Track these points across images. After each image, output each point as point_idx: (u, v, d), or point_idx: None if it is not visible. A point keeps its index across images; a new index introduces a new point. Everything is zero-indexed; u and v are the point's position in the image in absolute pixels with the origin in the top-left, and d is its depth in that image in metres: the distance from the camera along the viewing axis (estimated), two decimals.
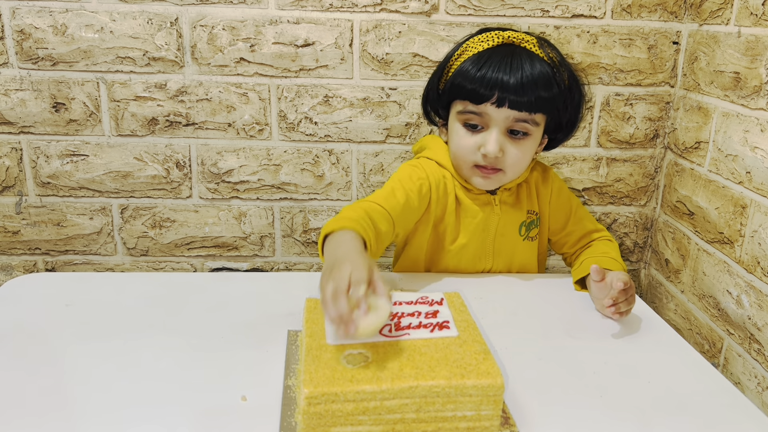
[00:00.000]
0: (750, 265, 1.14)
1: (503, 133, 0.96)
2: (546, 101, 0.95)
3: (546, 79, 0.94)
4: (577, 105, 1.02)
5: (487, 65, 0.94)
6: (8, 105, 1.34)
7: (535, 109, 0.95)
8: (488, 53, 0.96)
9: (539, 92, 0.93)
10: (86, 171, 1.39)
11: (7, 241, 1.43)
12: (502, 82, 0.92)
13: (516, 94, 0.93)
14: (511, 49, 0.96)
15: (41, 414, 0.66)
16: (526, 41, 0.98)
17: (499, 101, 0.93)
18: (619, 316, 0.88)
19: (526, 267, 1.09)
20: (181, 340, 0.81)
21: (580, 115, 1.04)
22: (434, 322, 0.74)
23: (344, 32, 1.33)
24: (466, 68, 0.96)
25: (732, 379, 1.19)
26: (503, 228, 1.05)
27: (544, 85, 0.94)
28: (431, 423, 0.64)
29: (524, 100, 0.93)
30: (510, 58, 0.94)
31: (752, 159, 1.14)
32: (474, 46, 0.98)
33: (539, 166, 1.10)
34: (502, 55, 0.95)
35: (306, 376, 0.63)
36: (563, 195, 1.11)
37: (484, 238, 1.05)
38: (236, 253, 1.48)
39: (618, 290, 0.86)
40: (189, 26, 1.31)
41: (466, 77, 0.95)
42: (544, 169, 1.11)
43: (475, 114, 0.96)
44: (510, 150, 0.97)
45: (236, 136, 1.39)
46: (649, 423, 0.68)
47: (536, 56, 0.96)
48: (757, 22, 1.13)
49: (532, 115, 0.95)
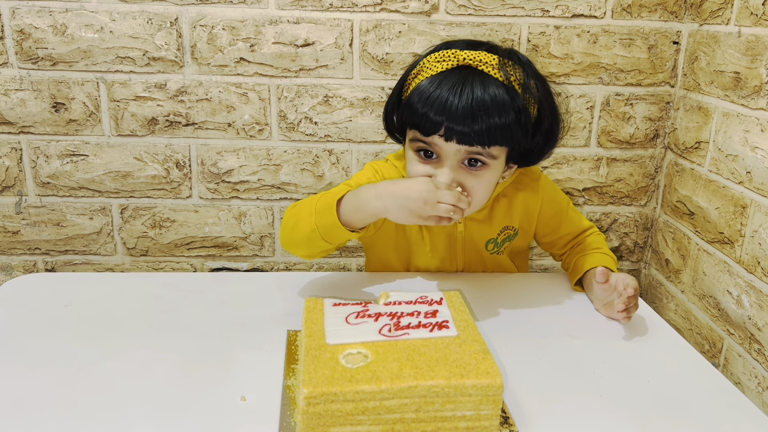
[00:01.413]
0: (750, 265, 1.14)
1: (457, 166, 0.87)
2: (500, 129, 0.84)
3: (499, 104, 0.83)
4: (548, 131, 0.91)
5: (436, 93, 0.85)
6: (8, 105, 1.34)
7: (487, 142, 0.84)
8: (440, 78, 0.86)
9: (491, 120, 0.83)
10: (86, 171, 1.39)
11: (7, 241, 1.43)
12: (449, 112, 0.83)
13: (464, 124, 0.83)
14: (464, 73, 0.86)
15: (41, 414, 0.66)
16: (484, 63, 0.87)
17: (446, 134, 0.84)
18: (628, 320, 0.88)
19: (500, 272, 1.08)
20: (181, 340, 0.81)
21: (553, 141, 0.93)
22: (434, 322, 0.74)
23: (344, 32, 1.33)
24: (417, 94, 0.87)
25: (732, 379, 1.19)
26: (469, 243, 1.02)
27: (497, 112, 0.83)
28: (430, 423, 0.64)
29: (474, 130, 0.83)
30: (461, 85, 0.84)
31: (752, 159, 1.14)
32: (429, 66, 0.89)
33: (526, 177, 1.02)
34: (453, 81, 0.85)
35: (305, 376, 0.63)
36: (554, 202, 1.05)
37: (450, 249, 1.03)
38: (236, 253, 1.48)
39: (629, 295, 0.86)
40: (189, 26, 1.31)
41: (415, 105, 0.87)
42: (533, 179, 1.03)
43: (426, 143, 0.87)
44: (467, 182, 0.87)
45: (236, 136, 1.39)
46: (649, 423, 0.68)
47: (492, 80, 0.85)
48: (757, 22, 1.13)
49: (487, 149, 0.85)
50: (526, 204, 1.03)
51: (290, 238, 0.91)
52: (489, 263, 1.06)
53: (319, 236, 0.86)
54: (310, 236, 0.87)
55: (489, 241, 1.03)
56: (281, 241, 0.95)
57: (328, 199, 0.86)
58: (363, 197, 0.84)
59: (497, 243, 1.03)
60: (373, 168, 1.01)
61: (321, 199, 0.87)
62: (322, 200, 0.87)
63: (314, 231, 0.86)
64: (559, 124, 0.93)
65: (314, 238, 0.87)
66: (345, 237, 0.87)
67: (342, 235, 0.86)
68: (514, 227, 1.04)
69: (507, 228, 1.03)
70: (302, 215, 0.88)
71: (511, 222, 1.03)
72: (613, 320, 0.91)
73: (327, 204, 0.85)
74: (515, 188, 1.02)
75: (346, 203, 0.85)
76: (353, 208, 0.85)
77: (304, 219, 0.87)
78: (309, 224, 0.86)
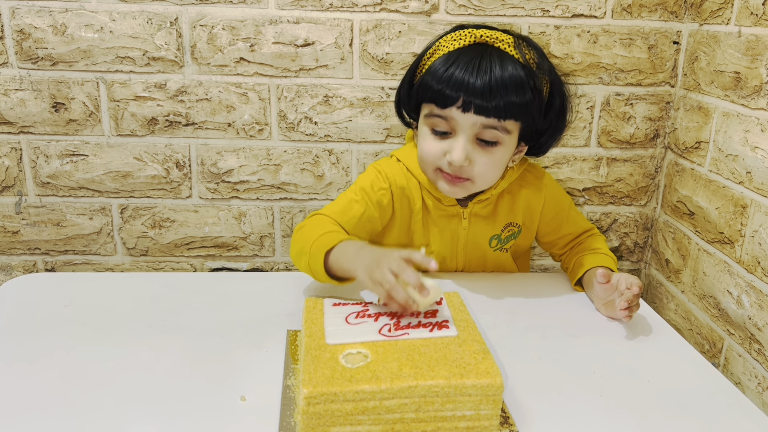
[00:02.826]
0: (750, 265, 1.14)
1: (471, 140, 0.89)
2: (517, 107, 0.87)
3: (517, 82, 0.86)
4: (559, 111, 0.94)
5: (453, 67, 0.87)
6: (8, 105, 1.34)
7: (504, 116, 0.87)
8: (457, 53, 0.89)
9: (509, 97, 0.86)
10: (86, 171, 1.39)
11: (7, 241, 1.43)
12: (467, 85, 0.85)
13: (482, 98, 0.85)
14: (482, 49, 0.89)
15: (41, 414, 0.66)
16: (501, 41, 0.90)
17: (464, 106, 0.86)
18: (629, 319, 0.88)
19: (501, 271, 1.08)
20: (181, 340, 0.81)
21: (563, 122, 0.96)
22: (433, 322, 0.74)
23: (344, 32, 1.33)
24: (434, 69, 0.89)
25: (732, 379, 1.19)
26: (473, 240, 1.03)
27: (515, 89, 0.86)
28: (430, 423, 0.64)
29: (492, 104, 0.86)
30: (479, 59, 0.87)
31: (752, 159, 1.14)
32: (445, 45, 0.91)
33: (530, 175, 1.04)
34: (471, 56, 0.88)
35: (305, 376, 0.63)
36: (557, 201, 1.06)
37: (453, 246, 1.03)
38: (236, 253, 1.48)
39: (633, 294, 0.86)
40: (189, 26, 1.31)
41: (433, 79, 0.89)
42: (537, 177, 1.04)
43: (441, 118, 0.90)
44: (478, 159, 0.90)
45: (236, 136, 1.39)
46: (649, 423, 0.68)
47: (509, 57, 0.88)
48: (757, 22, 1.13)
49: (502, 122, 0.88)
50: (529, 201, 1.03)
51: (295, 260, 0.95)
52: (490, 262, 1.06)
53: (312, 274, 0.90)
54: (306, 271, 0.91)
55: (492, 238, 1.03)
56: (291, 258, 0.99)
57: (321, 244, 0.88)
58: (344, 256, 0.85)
59: (501, 240, 1.04)
60: (375, 169, 1.02)
61: (316, 242, 0.89)
62: (316, 244, 0.89)
63: (308, 270, 0.90)
64: (567, 107, 0.96)
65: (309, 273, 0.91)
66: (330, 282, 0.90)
67: (327, 281, 0.89)
68: (518, 224, 1.04)
69: (510, 225, 1.03)
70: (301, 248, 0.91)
71: (515, 219, 1.03)
72: (614, 320, 0.91)
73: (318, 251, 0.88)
74: (519, 185, 1.03)
75: (333, 255, 0.87)
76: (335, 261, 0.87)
77: (302, 255, 0.91)
78: (304, 262, 0.90)
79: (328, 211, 0.97)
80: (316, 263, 0.87)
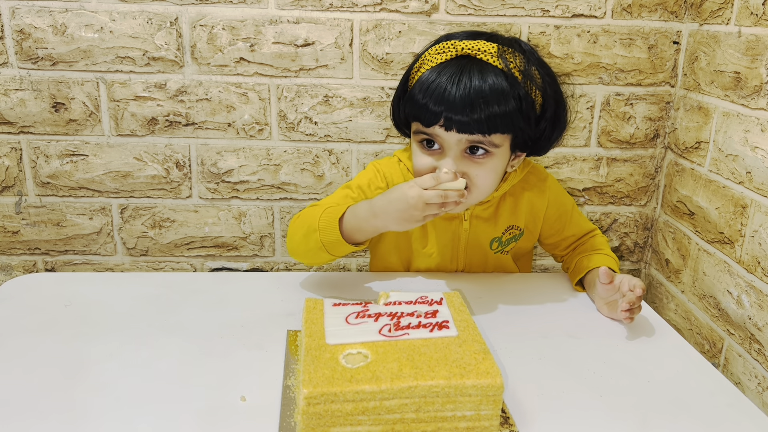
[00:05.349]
0: (750, 265, 1.14)
1: (460, 155, 0.88)
2: (500, 117, 0.84)
3: (498, 92, 0.84)
4: (553, 116, 0.91)
5: (434, 84, 0.86)
6: (8, 105, 1.34)
7: (487, 130, 0.85)
8: (439, 69, 0.87)
9: (490, 108, 0.83)
10: (86, 171, 1.39)
11: (7, 241, 1.43)
12: (447, 102, 0.84)
13: (463, 113, 0.83)
14: (462, 63, 0.86)
15: (41, 414, 0.66)
16: (483, 51, 0.87)
17: (446, 124, 0.85)
18: (630, 321, 0.88)
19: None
20: (181, 340, 0.81)
21: (560, 127, 0.94)
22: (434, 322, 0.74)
23: (344, 32, 1.33)
24: (417, 87, 0.88)
25: (732, 379, 1.19)
26: (473, 242, 1.02)
27: (496, 100, 0.83)
28: (431, 423, 0.64)
29: (473, 119, 0.84)
30: (459, 74, 0.85)
31: (752, 159, 1.14)
32: (430, 59, 0.90)
33: (533, 177, 1.03)
34: (451, 72, 0.86)
35: (305, 376, 0.63)
36: (560, 203, 1.05)
37: (453, 248, 1.03)
38: (236, 253, 1.48)
39: (636, 296, 0.86)
40: (189, 26, 1.31)
41: (416, 97, 0.88)
42: (540, 179, 1.03)
43: (427, 135, 0.89)
44: (471, 172, 0.88)
45: (236, 136, 1.39)
46: (649, 423, 0.68)
47: (491, 68, 0.85)
48: (757, 22, 1.13)
49: (488, 137, 0.86)
50: (532, 204, 1.03)
51: (297, 249, 0.95)
52: (491, 264, 1.05)
53: (325, 251, 0.90)
54: (317, 251, 0.90)
55: (493, 240, 1.03)
56: (288, 251, 0.98)
57: (330, 216, 0.88)
58: (362, 216, 0.87)
59: (502, 242, 1.03)
60: (375, 168, 1.02)
61: (323, 215, 0.89)
62: (324, 217, 0.89)
63: (320, 247, 0.89)
64: (565, 111, 0.93)
65: (320, 252, 0.90)
66: (350, 250, 0.90)
67: (347, 249, 0.90)
68: (519, 227, 1.03)
69: (512, 227, 1.03)
70: (307, 230, 0.91)
71: (517, 221, 1.03)
72: (614, 320, 0.91)
73: (329, 222, 0.88)
74: (522, 188, 1.02)
75: (347, 222, 0.88)
76: (354, 227, 0.88)
77: (310, 234, 0.90)
78: (314, 240, 0.89)
79: (323, 203, 0.96)
80: (330, 234, 0.87)
